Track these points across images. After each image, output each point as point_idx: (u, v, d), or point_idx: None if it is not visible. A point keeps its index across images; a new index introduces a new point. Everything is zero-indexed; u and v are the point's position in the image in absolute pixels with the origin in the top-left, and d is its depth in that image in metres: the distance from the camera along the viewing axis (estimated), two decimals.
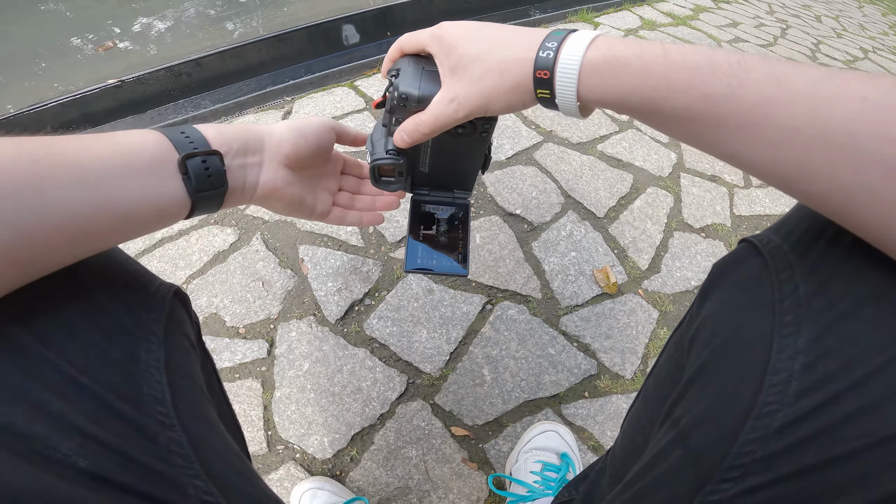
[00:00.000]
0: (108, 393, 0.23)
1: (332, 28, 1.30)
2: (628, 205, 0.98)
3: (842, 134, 0.19)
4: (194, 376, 0.29)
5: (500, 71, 0.28)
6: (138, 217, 0.26)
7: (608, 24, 1.65)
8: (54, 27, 1.68)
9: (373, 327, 0.74)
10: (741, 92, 0.22)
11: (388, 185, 0.36)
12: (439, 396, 0.69)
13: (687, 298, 0.85)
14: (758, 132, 0.21)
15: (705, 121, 0.23)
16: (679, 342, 0.33)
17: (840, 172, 0.20)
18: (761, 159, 0.22)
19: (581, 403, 0.70)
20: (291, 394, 0.68)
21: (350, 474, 0.62)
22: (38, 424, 0.20)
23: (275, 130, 0.34)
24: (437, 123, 0.30)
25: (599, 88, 0.26)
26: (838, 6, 3.02)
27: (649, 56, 0.24)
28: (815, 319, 0.21)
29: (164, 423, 0.25)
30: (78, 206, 0.22)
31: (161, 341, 0.26)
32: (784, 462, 0.21)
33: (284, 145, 0.33)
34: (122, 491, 0.22)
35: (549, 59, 0.26)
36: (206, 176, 0.28)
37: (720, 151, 0.24)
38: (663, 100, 0.24)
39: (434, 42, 0.30)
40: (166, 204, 0.27)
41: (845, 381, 0.20)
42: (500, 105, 0.29)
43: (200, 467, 0.26)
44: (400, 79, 0.31)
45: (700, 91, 0.22)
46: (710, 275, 0.30)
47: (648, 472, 0.28)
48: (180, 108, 1.15)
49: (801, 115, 0.20)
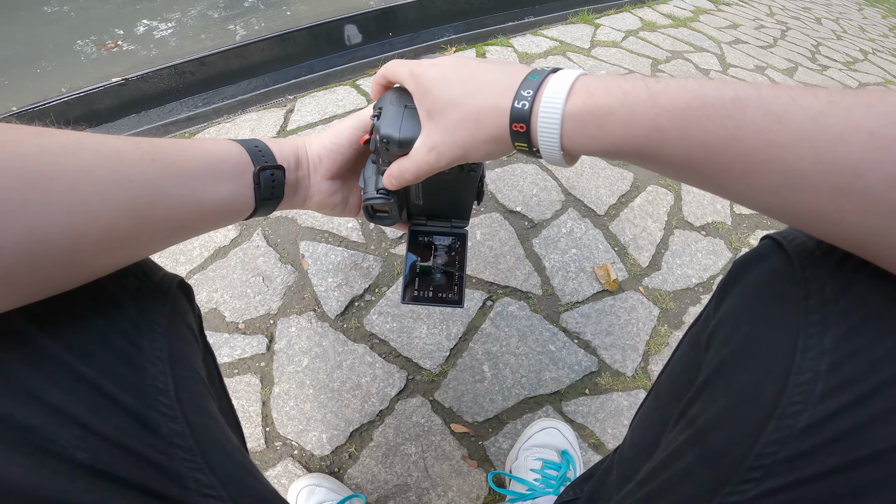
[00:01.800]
0: (109, 383, 0.22)
1: (335, 28, 1.31)
2: (629, 202, 0.98)
3: (851, 177, 0.18)
4: (197, 368, 0.29)
5: (475, 120, 0.26)
6: (219, 214, 0.29)
7: (609, 25, 1.66)
8: (58, 28, 1.69)
9: (373, 323, 0.74)
10: (739, 135, 0.20)
11: (383, 220, 0.36)
12: (439, 393, 0.68)
13: (687, 296, 0.85)
14: (762, 179, 0.20)
15: (707, 167, 0.21)
16: (695, 339, 0.32)
17: (851, 218, 0.19)
18: (770, 203, 0.21)
19: (582, 400, 0.70)
20: (290, 389, 0.67)
21: (348, 471, 0.62)
22: (36, 415, 0.20)
23: (313, 146, 0.36)
24: (420, 171, 0.30)
25: (585, 140, 0.24)
26: (838, 8, 3.03)
27: (635, 101, 0.22)
28: (842, 319, 0.21)
29: (166, 414, 0.24)
30: (182, 198, 0.26)
31: (165, 331, 0.26)
32: (808, 463, 0.20)
33: (324, 161, 0.36)
34: (120, 484, 0.22)
35: (525, 110, 0.24)
36: (271, 186, 0.32)
37: (728, 195, 0.22)
38: (658, 148, 0.22)
39: (412, 81, 0.29)
40: (239, 206, 0.30)
41: (873, 382, 0.19)
42: (479, 155, 0.28)
43: (202, 460, 0.25)
44: (381, 120, 0.30)
45: (695, 138, 0.21)
46: (731, 271, 0.29)
47: (662, 471, 0.28)
48: (183, 106, 1.16)
49: (808, 159, 0.19)
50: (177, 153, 0.26)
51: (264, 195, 0.31)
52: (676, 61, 1.53)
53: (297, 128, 1.05)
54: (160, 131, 1.08)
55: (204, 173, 0.27)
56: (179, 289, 0.30)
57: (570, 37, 1.52)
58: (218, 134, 1.05)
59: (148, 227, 0.24)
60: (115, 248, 0.23)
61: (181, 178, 0.25)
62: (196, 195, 0.26)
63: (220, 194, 0.28)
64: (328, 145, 0.36)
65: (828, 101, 0.19)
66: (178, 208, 0.25)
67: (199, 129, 1.06)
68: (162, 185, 0.24)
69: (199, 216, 0.27)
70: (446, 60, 0.29)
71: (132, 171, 0.23)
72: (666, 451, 0.28)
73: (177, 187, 0.25)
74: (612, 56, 1.46)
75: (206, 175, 0.27)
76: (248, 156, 0.30)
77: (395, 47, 1.37)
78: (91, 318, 0.23)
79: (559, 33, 1.53)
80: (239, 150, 0.30)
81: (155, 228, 0.25)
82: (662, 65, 1.49)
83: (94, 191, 0.21)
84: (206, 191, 0.27)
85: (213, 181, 0.27)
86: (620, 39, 1.58)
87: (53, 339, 0.21)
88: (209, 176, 0.27)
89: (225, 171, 0.29)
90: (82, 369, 0.22)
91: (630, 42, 1.58)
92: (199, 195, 0.27)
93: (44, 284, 0.21)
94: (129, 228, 0.23)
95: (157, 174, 0.24)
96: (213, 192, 0.27)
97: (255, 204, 0.31)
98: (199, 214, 0.27)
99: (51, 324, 0.22)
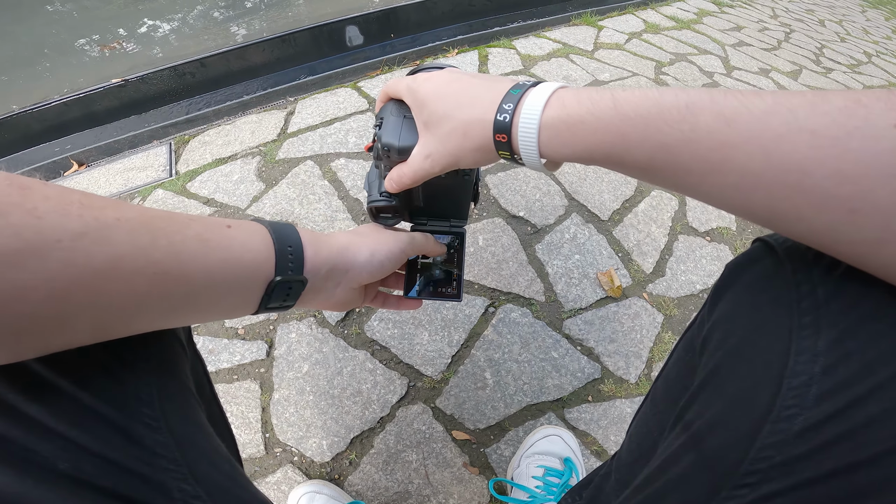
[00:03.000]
0: (90, 396, 0.22)
1: (336, 29, 1.31)
2: (633, 208, 0.97)
3: (798, 174, 0.19)
4: (183, 378, 0.29)
5: (464, 132, 0.29)
6: (209, 314, 0.27)
7: (612, 27, 1.65)
8: (60, 28, 1.69)
9: (374, 329, 0.73)
10: (695, 137, 0.21)
11: (387, 220, 0.39)
12: (440, 400, 0.68)
13: (692, 302, 0.84)
14: (721, 177, 0.21)
15: (670, 169, 0.23)
16: (689, 344, 0.32)
17: (806, 214, 0.20)
18: (734, 202, 0.22)
19: (584, 408, 0.69)
20: (290, 396, 0.67)
21: (349, 478, 0.61)
22: (15, 428, 0.20)
23: (360, 259, 0.34)
24: (417, 176, 0.32)
25: (560, 148, 0.26)
26: (842, 10, 3.02)
27: (601, 110, 0.24)
28: (834, 321, 0.21)
29: (150, 425, 0.24)
30: (183, 313, 0.25)
31: (149, 341, 0.26)
32: (805, 467, 0.20)
33: (363, 275, 0.35)
34: (103, 494, 0.21)
35: (506, 122, 0.27)
36: (282, 299, 0.30)
37: (699, 196, 0.24)
38: (624, 153, 0.24)
39: (409, 95, 0.32)
40: (238, 312, 0.29)
41: (868, 384, 0.19)
42: (469, 162, 0.30)
43: (187, 470, 0.25)
44: (383, 129, 0.33)
45: (656, 141, 0.22)
46: (723, 275, 0.29)
47: (659, 476, 0.28)
48: (183, 107, 1.15)
49: (757, 157, 0.20)
50: (193, 259, 0.24)
51: (270, 305, 0.29)
52: (680, 64, 1.52)
53: (298, 130, 1.04)
54: (160, 133, 1.07)
55: (212, 284, 0.25)
56: None
57: (572, 39, 1.52)
58: (218, 136, 1.04)
59: (137, 328, 0.24)
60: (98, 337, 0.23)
61: (183, 288, 0.24)
62: (190, 301, 0.25)
63: (222, 302, 0.26)
64: (377, 264, 0.34)
65: (773, 102, 0.20)
66: (179, 319, 0.25)
67: (199, 131, 1.06)
68: (166, 303, 0.23)
69: (185, 316, 0.26)
70: (440, 75, 0.31)
71: (119, 287, 0.21)
72: (662, 456, 0.28)
73: (181, 307, 0.24)
74: (614, 58, 1.46)
75: (215, 285, 0.25)
76: (273, 263, 0.28)
77: (396, 49, 1.36)
78: None
79: (562, 35, 1.53)
80: (266, 255, 0.28)
81: (144, 328, 0.24)
82: (666, 67, 1.48)
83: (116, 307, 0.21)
84: (205, 298, 0.25)
85: (219, 291, 0.26)
86: (623, 42, 1.58)
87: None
88: (218, 286, 0.25)
89: (239, 282, 0.27)
90: (62, 382, 0.21)
91: (633, 44, 1.57)
92: (205, 310, 0.26)
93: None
94: (119, 330, 0.23)
95: (161, 291, 0.23)
96: (213, 300, 0.26)
97: (256, 310, 0.29)
98: (185, 315, 0.26)
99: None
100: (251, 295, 0.28)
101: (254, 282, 0.28)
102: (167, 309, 0.24)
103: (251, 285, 0.28)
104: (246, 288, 0.28)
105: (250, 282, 0.28)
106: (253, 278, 0.28)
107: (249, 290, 0.28)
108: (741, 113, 0.20)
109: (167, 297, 0.23)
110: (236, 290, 0.27)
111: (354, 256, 0.34)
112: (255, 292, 0.28)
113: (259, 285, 0.28)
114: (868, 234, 0.18)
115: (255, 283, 0.28)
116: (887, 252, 0.18)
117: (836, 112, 0.18)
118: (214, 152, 1.01)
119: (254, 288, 0.28)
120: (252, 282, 0.28)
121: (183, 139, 1.04)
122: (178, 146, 1.03)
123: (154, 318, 0.24)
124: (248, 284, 0.27)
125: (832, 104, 0.18)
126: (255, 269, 0.27)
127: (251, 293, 0.28)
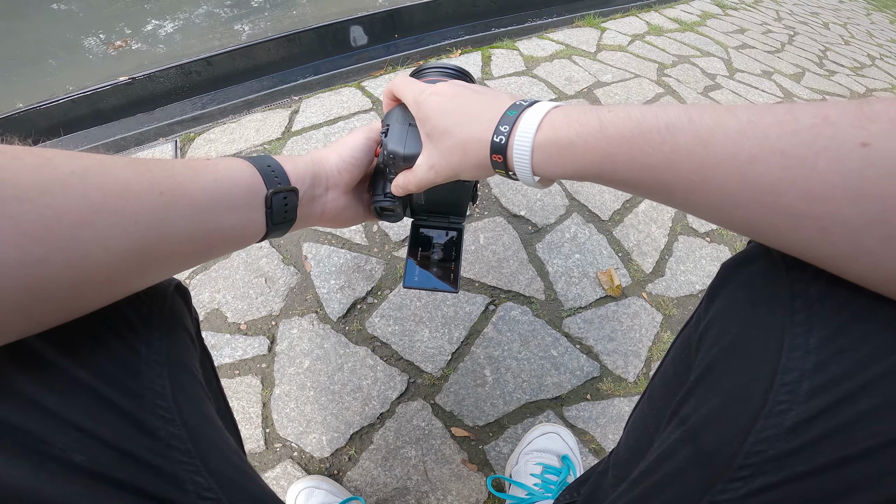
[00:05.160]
0: (105, 387, 0.22)
1: (341, 29, 1.31)
2: (633, 208, 0.98)
3: (772, 195, 0.20)
4: (194, 371, 0.29)
5: (463, 149, 0.30)
6: (228, 242, 0.29)
7: (615, 29, 1.65)
8: (66, 26, 1.71)
9: (375, 326, 0.74)
10: (676, 158, 0.22)
11: (390, 217, 0.41)
12: (440, 396, 0.68)
13: (691, 302, 0.85)
14: (703, 196, 0.22)
15: (657, 188, 0.24)
16: (686, 342, 0.33)
17: (782, 231, 0.20)
18: (718, 218, 0.23)
19: (583, 406, 0.70)
20: (291, 391, 0.68)
21: (348, 474, 0.62)
22: (33, 419, 0.20)
23: (330, 162, 0.36)
24: (421, 184, 0.34)
25: (552, 168, 0.27)
26: (846, 13, 3.01)
27: (588, 133, 0.25)
28: (827, 319, 0.21)
29: (164, 417, 0.24)
30: (190, 232, 0.25)
31: (162, 335, 0.26)
32: (796, 461, 0.20)
33: (344, 175, 0.36)
34: (118, 486, 0.22)
35: (502, 144, 0.28)
36: (283, 211, 0.31)
37: (686, 210, 0.24)
38: (612, 173, 0.25)
39: (415, 106, 0.33)
40: (249, 233, 0.30)
41: (859, 380, 0.19)
42: (469, 176, 0.32)
43: (200, 462, 0.25)
44: (388, 137, 0.35)
45: (640, 162, 0.23)
46: (719, 274, 0.29)
47: (655, 470, 0.28)
48: (189, 106, 1.16)
49: (734, 178, 0.20)
50: (187, 180, 0.25)
51: (276, 220, 0.31)
52: (683, 66, 1.53)
53: (302, 129, 1.05)
54: (165, 131, 1.08)
55: (214, 202, 0.26)
56: (177, 292, 0.30)
57: (575, 40, 1.52)
58: (223, 134, 1.05)
59: (153, 264, 0.24)
60: (118, 287, 0.23)
61: (190, 210, 0.25)
62: (205, 227, 0.26)
63: (230, 222, 0.28)
64: (347, 159, 0.36)
65: (747, 121, 0.20)
66: (185, 243, 0.25)
67: (204, 129, 1.07)
68: (169, 222, 0.24)
69: (207, 247, 0.27)
70: (444, 89, 0.32)
71: (138, 207, 0.22)
72: (658, 450, 0.28)
73: (185, 221, 0.25)
74: (617, 60, 1.46)
75: (217, 204, 0.26)
76: (260, 178, 0.30)
77: (400, 49, 1.37)
78: (87, 323, 0.23)
79: (565, 37, 1.53)
80: (251, 171, 0.29)
81: (160, 264, 0.25)
82: (669, 69, 1.48)
83: (95, 238, 0.20)
84: (215, 221, 0.26)
85: (223, 210, 0.27)
86: (627, 43, 1.58)
87: (49, 344, 0.21)
88: (220, 205, 0.27)
89: (236, 198, 0.28)
90: (78, 373, 0.22)
91: (636, 46, 1.58)
92: (208, 226, 0.26)
93: (40, 327, 0.21)
94: (132, 269, 0.23)
95: (164, 209, 0.23)
96: (222, 221, 0.27)
97: (266, 229, 0.31)
98: (207, 246, 0.27)
99: (46, 329, 0.22)
100: (254, 213, 0.29)
101: (251, 198, 0.29)
102: (183, 235, 0.25)
103: (251, 201, 0.29)
104: (247, 204, 0.29)
105: (247, 198, 0.29)
106: (249, 194, 0.29)
107: (251, 207, 0.29)
108: (716, 134, 0.21)
109: (180, 219, 0.24)
110: (239, 208, 0.28)
111: (326, 159, 0.36)
112: (257, 209, 0.29)
113: (258, 202, 0.29)
114: (841, 250, 0.19)
115: (254, 200, 0.29)
116: (860, 266, 0.19)
117: (805, 132, 0.19)
118: (219, 150, 1.01)
119: (254, 205, 0.29)
120: (249, 198, 0.29)
121: (188, 137, 1.05)
122: (183, 144, 1.04)
123: (175, 246, 0.25)
124: (246, 200, 0.29)
125: (801, 123, 0.19)
126: (246, 186, 0.29)
127: (253, 210, 0.29)
